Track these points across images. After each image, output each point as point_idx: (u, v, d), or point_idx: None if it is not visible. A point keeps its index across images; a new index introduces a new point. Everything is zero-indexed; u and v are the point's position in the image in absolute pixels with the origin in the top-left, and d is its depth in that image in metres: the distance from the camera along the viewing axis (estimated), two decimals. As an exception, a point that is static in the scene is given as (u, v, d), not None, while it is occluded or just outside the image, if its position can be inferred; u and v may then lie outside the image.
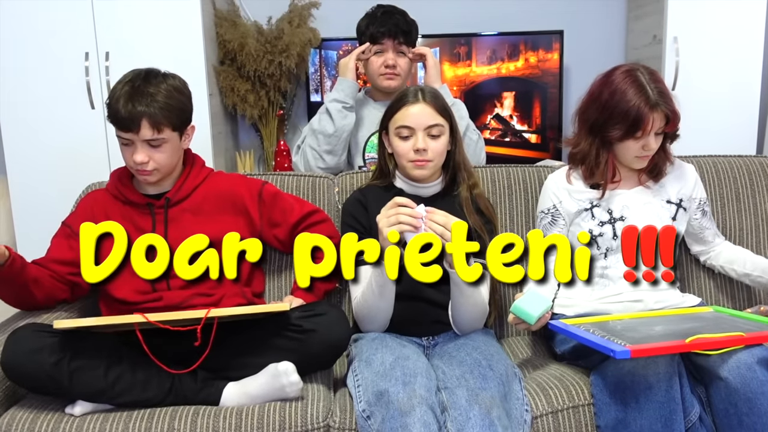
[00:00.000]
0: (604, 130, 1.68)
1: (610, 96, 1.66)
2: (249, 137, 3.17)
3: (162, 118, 1.58)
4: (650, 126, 1.63)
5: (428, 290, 1.65)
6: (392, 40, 2.17)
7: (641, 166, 1.73)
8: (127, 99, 1.56)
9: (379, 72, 2.18)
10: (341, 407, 1.47)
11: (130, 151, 1.61)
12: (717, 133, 2.78)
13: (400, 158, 1.69)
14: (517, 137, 3.02)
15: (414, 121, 1.65)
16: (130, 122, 1.56)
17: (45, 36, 2.55)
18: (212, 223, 1.68)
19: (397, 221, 1.43)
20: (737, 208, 2.02)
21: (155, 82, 1.60)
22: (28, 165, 2.61)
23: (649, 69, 1.68)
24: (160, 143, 1.61)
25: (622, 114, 1.63)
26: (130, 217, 1.68)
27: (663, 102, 1.62)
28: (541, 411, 1.47)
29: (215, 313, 1.43)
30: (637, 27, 3.05)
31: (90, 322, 1.41)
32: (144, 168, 1.61)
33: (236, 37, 2.79)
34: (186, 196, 1.70)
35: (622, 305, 1.71)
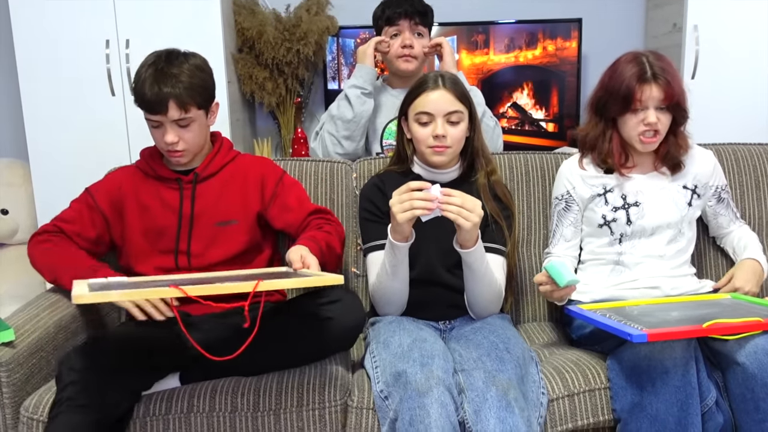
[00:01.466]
0: (605, 109, 1.71)
1: (610, 77, 1.69)
2: (266, 125, 3.18)
3: (188, 98, 1.60)
4: (641, 96, 1.62)
5: (444, 274, 1.67)
6: (408, 21, 2.17)
7: (646, 148, 1.70)
8: (152, 82, 1.58)
9: (397, 54, 2.18)
10: (359, 387, 1.50)
11: (160, 133, 1.64)
12: (737, 121, 2.75)
13: (419, 144, 1.70)
14: (534, 126, 3.02)
15: (434, 107, 1.65)
16: (157, 104, 1.58)
17: (66, 24, 2.58)
18: (236, 202, 1.72)
19: (411, 207, 1.44)
20: (757, 196, 2.00)
21: (177, 62, 1.62)
22: (49, 151, 2.65)
23: (656, 53, 1.68)
24: (188, 122, 1.63)
25: (617, 89, 1.65)
26: (158, 192, 1.71)
27: (661, 75, 1.61)
28: (558, 394, 1.48)
29: (265, 287, 1.28)
30: (656, 15, 3.02)
31: (118, 296, 1.29)
32: (175, 148, 1.64)
33: (254, 25, 2.80)
34: (214, 173, 1.73)
35: (638, 291, 1.71)
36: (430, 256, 1.66)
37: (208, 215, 1.69)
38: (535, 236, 1.96)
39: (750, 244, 1.83)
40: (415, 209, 1.44)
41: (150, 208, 1.70)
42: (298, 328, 1.53)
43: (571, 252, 1.81)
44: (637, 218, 1.71)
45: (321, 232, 1.68)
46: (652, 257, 1.73)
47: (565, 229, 1.80)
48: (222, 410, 1.46)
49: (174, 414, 1.45)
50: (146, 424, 1.45)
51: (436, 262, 1.67)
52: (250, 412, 1.46)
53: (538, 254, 1.96)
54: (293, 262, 1.48)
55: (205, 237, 1.69)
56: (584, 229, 1.80)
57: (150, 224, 1.69)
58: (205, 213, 1.69)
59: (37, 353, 1.52)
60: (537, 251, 1.96)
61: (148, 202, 1.70)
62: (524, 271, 1.94)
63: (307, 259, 1.47)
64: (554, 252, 1.82)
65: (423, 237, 1.59)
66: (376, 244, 1.69)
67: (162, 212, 1.69)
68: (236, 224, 1.70)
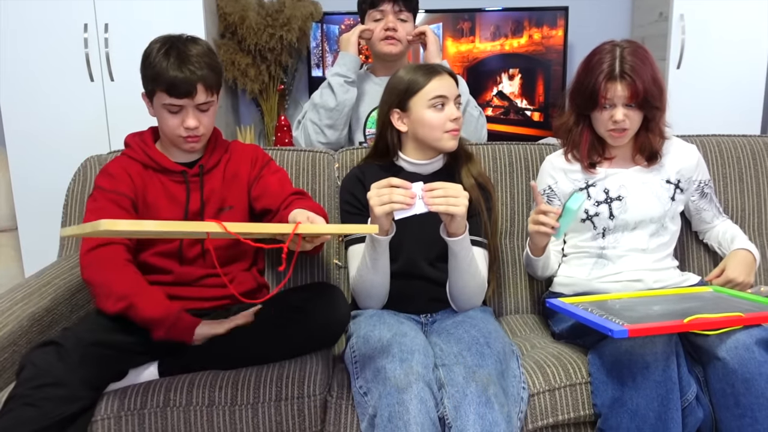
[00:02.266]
0: (576, 102, 1.71)
1: (584, 70, 1.67)
2: (249, 112, 3.14)
3: (214, 81, 1.56)
4: (607, 94, 1.61)
5: (426, 268, 1.65)
6: (392, 4, 2.14)
7: (615, 142, 1.70)
8: (179, 65, 1.51)
9: (380, 37, 2.16)
10: (339, 383, 1.48)
11: (179, 119, 1.57)
12: (721, 112, 2.76)
13: (435, 130, 1.64)
14: (519, 115, 3.00)
15: (447, 90, 1.64)
16: (188, 86, 1.52)
17: (43, 7, 2.52)
18: (233, 190, 1.69)
19: (390, 200, 1.42)
20: (740, 188, 2.00)
21: (192, 46, 1.56)
22: (27, 137, 2.60)
23: (634, 44, 1.65)
24: (208, 106, 1.59)
25: (586, 84, 1.64)
26: (163, 185, 1.64)
27: (630, 74, 1.59)
28: (539, 389, 1.47)
29: (303, 230, 1.26)
30: (642, 4, 3.00)
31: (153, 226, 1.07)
32: (195, 133, 1.58)
33: (237, 10, 2.76)
34: (216, 164, 1.69)
35: (621, 284, 1.70)
36: (412, 249, 1.65)
37: (212, 204, 1.66)
38: (517, 227, 1.95)
39: (737, 235, 1.83)
40: (393, 203, 1.42)
41: (155, 202, 1.63)
42: (280, 325, 1.51)
43: (554, 246, 1.80)
44: (620, 212, 1.70)
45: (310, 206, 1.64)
46: (635, 251, 1.72)
47: None
48: (199, 404, 1.44)
49: (150, 408, 1.43)
50: (120, 419, 1.42)
51: (418, 255, 1.66)
52: (228, 405, 1.44)
53: (521, 245, 1.95)
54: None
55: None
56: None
57: (156, 218, 1.62)
58: (210, 203, 1.65)
59: (9, 347, 1.49)
60: (520, 242, 1.95)
61: (155, 197, 1.63)
62: (507, 262, 1.93)
63: (315, 219, 1.42)
64: None
65: (405, 230, 1.57)
66: (356, 237, 1.67)
67: (168, 206, 1.63)
68: (231, 210, 1.67)
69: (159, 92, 1.54)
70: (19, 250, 2.71)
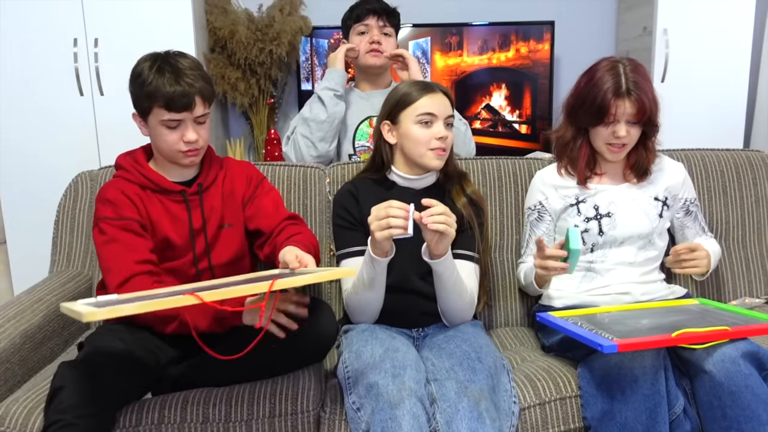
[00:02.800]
0: (577, 116, 1.73)
1: (586, 84, 1.69)
2: (239, 125, 3.15)
3: (209, 93, 1.58)
4: (615, 111, 1.64)
5: (417, 282, 1.67)
6: (376, 18, 2.21)
7: (614, 157, 1.73)
8: (175, 79, 1.51)
9: (365, 49, 2.22)
10: (332, 398, 1.49)
11: (178, 133, 1.56)
12: (705, 125, 2.80)
13: (419, 146, 1.66)
14: (507, 127, 3.03)
15: (437, 108, 1.65)
16: (186, 100, 1.52)
17: (33, 21, 2.52)
18: (230, 207, 1.69)
19: (388, 225, 1.43)
20: (724, 201, 2.04)
21: (182, 59, 1.57)
22: (16, 151, 2.59)
23: (633, 62, 1.68)
24: (205, 119, 1.59)
25: (591, 100, 1.66)
26: (164, 205, 1.63)
27: (635, 91, 1.63)
28: (529, 402, 1.49)
29: (280, 285, 1.25)
30: (627, 18, 3.05)
31: (134, 309, 1.13)
32: (195, 146, 1.58)
33: (227, 25, 2.77)
34: (213, 181, 1.69)
35: (609, 297, 1.73)
36: (404, 263, 1.66)
37: (213, 222, 1.66)
38: (507, 241, 1.97)
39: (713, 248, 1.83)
40: (392, 228, 1.43)
41: (159, 222, 1.61)
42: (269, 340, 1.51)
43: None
44: (609, 229, 1.73)
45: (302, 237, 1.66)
46: (623, 264, 1.75)
47: None
48: (193, 421, 1.44)
49: (144, 426, 1.43)
50: (116, 437, 1.43)
51: (410, 270, 1.67)
52: (222, 422, 1.44)
53: (510, 259, 1.97)
54: (289, 262, 1.43)
55: (212, 242, 1.66)
56: (557, 238, 1.81)
57: (161, 239, 1.61)
58: (211, 220, 1.66)
59: (2, 365, 1.49)
60: (510, 256, 1.97)
61: (158, 218, 1.61)
62: (497, 276, 1.95)
63: (304, 258, 1.43)
64: (528, 261, 1.83)
65: (397, 245, 1.59)
66: (349, 251, 1.68)
67: (171, 225, 1.62)
68: (231, 227, 1.68)
69: (156, 109, 1.53)
70: (8, 265, 2.70)
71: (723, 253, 2.02)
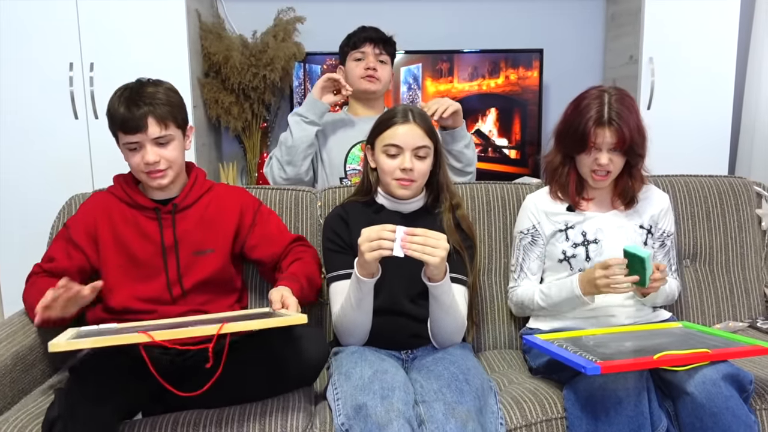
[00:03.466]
0: (564, 143, 1.77)
1: (572, 112, 1.74)
2: (232, 149, 3.19)
3: (166, 114, 1.62)
4: (595, 139, 1.68)
5: (407, 305, 1.69)
6: (372, 46, 2.27)
7: (597, 184, 1.77)
8: (129, 103, 1.59)
9: (361, 75, 2.26)
10: (321, 420, 1.50)
11: (139, 155, 1.62)
12: (690, 152, 2.85)
13: (385, 175, 1.71)
14: (497, 152, 3.08)
15: (403, 140, 1.67)
16: (137, 122, 1.58)
17: (29, 46, 2.56)
18: (213, 232, 1.72)
19: (379, 246, 1.47)
20: (707, 226, 2.08)
21: (151, 85, 1.64)
22: (11, 174, 2.61)
23: (621, 93, 1.72)
24: (167, 140, 1.64)
25: (575, 127, 1.71)
26: (135, 221, 1.68)
27: (617, 120, 1.66)
28: (516, 424, 1.51)
29: (229, 329, 1.34)
30: (614, 47, 3.12)
31: (90, 344, 1.29)
32: (156, 167, 1.63)
33: (221, 50, 2.81)
34: (192, 203, 1.72)
35: (595, 320, 1.76)
36: (393, 285, 1.69)
37: (187, 244, 1.69)
38: (496, 265, 2.00)
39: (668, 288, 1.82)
40: (382, 249, 1.47)
41: (126, 237, 1.67)
42: (259, 365, 1.53)
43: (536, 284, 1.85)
44: (596, 255, 1.76)
45: (302, 264, 1.73)
46: (608, 289, 1.77)
47: (532, 263, 1.84)
48: (183, 442, 1.45)
49: (134, 447, 1.44)
50: (105, 457, 1.43)
51: (399, 292, 1.70)
52: (212, 444, 1.45)
53: (499, 283, 2.00)
54: (273, 302, 1.52)
55: (185, 265, 1.68)
56: (546, 262, 1.85)
57: (126, 254, 1.67)
58: (184, 242, 1.69)
59: (-7, 386, 1.50)
60: (498, 279, 2.00)
61: (124, 230, 1.68)
62: (486, 299, 1.98)
63: (288, 300, 1.51)
64: (522, 285, 1.85)
65: (387, 267, 1.61)
66: (339, 274, 1.71)
67: (139, 242, 1.67)
68: (212, 253, 1.71)
69: (118, 132, 1.62)
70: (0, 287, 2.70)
71: (707, 277, 2.06)
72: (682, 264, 2.07)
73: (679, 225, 2.07)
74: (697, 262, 2.09)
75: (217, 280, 1.71)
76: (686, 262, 2.08)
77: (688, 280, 2.06)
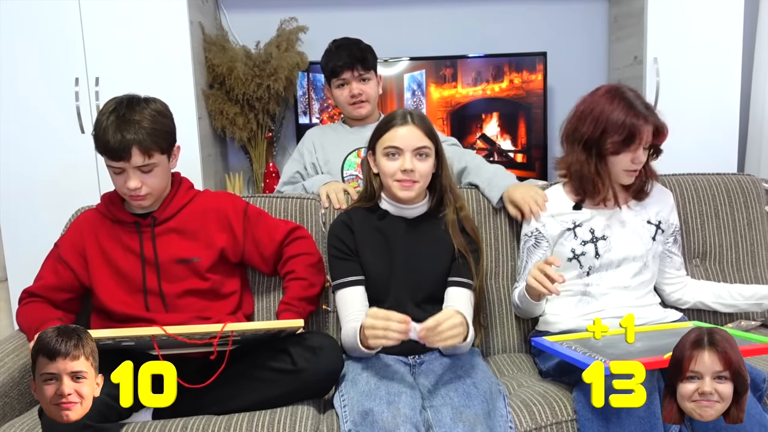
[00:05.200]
0: (600, 144, 1.72)
1: (601, 111, 1.70)
2: (238, 159, 3.19)
3: (151, 144, 1.61)
4: (644, 137, 1.68)
5: (414, 310, 1.68)
6: (350, 71, 2.23)
7: (629, 181, 1.76)
8: (115, 129, 1.58)
9: (348, 102, 2.25)
10: (328, 427, 1.49)
11: (122, 179, 1.64)
12: (697, 151, 2.83)
13: (387, 178, 1.71)
14: (503, 156, 3.07)
15: (402, 142, 1.67)
16: (120, 151, 1.59)
17: (35, 61, 2.58)
18: (198, 241, 1.73)
19: (385, 336, 1.42)
20: (716, 225, 2.06)
21: (139, 108, 1.63)
22: (17, 188, 2.63)
23: (631, 88, 1.74)
24: (151, 168, 1.64)
25: (618, 126, 1.67)
26: (118, 236, 1.71)
27: (651, 115, 1.68)
28: (525, 427, 1.49)
29: (231, 327, 1.44)
30: (618, 48, 3.11)
31: (109, 333, 1.41)
32: (138, 193, 1.64)
33: (225, 62, 2.83)
34: (172, 216, 1.73)
35: (605, 321, 1.73)
36: (400, 291, 1.68)
37: (170, 256, 1.70)
38: (502, 268, 1.99)
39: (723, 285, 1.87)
40: (388, 339, 1.42)
41: (111, 252, 1.70)
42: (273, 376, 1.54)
43: None
44: (605, 251, 1.75)
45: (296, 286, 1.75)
46: (618, 288, 1.76)
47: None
48: (191, 450, 1.44)
49: (142, 453, 1.44)
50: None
51: (406, 297, 1.69)
52: (219, 451, 1.44)
53: (506, 286, 1.98)
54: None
55: (171, 276, 1.69)
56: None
57: (113, 269, 1.70)
58: (167, 254, 1.70)
59: (1, 399, 1.50)
60: (505, 283, 1.98)
61: (109, 246, 1.70)
62: (493, 302, 1.96)
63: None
64: (519, 286, 1.84)
65: (392, 272, 1.60)
66: (345, 281, 1.70)
67: (123, 256, 1.70)
68: (198, 262, 1.71)
69: (102, 154, 1.62)
70: (9, 302, 2.72)
71: (718, 276, 2.04)
72: (691, 263, 2.05)
73: (688, 224, 2.05)
74: (707, 261, 2.06)
75: (208, 288, 1.72)
76: (696, 261, 2.06)
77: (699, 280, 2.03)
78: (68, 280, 1.71)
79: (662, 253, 1.87)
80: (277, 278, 1.90)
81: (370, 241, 1.74)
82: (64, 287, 1.72)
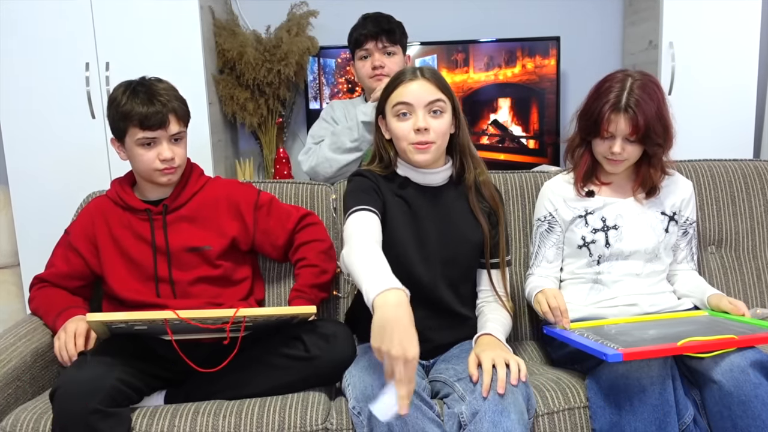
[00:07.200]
0: (580, 125, 1.73)
1: (593, 94, 1.70)
2: (248, 145, 3.19)
3: (183, 112, 1.66)
4: (608, 127, 1.64)
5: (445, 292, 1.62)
6: (374, 42, 2.19)
7: (612, 169, 1.73)
8: (146, 99, 1.59)
9: (369, 75, 2.21)
10: (337, 410, 1.49)
11: (154, 152, 1.62)
12: (713, 137, 2.79)
13: (400, 141, 1.56)
14: (515, 143, 3.04)
15: (413, 97, 1.52)
16: (160, 118, 1.60)
17: (46, 46, 2.58)
18: (209, 229, 1.72)
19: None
20: (733, 211, 2.03)
21: (157, 82, 1.66)
22: (29, 174, 2.63)
23: (646, 77, 1.65)
24: (181, 137, 1.67)
25: (591, 111, 1.67)
26: (129, 223, 1.70)
27: (633, 108, 1.60)
28: (539, 412, 1.48)
29: (244, 313, 1.46)
30: (633, 33, 3.06)
31: (122, 316, 1.43)
32: (171, 164, 1.64)
33: (235, 46, 2.81)
34: (183, 204, 1.72)
35: (617, 309, 1.72)
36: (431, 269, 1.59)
37: (181, 244, 1.69)
38: (515, 255, 1.97)
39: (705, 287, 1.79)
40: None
41: (122, 239, 1.70)
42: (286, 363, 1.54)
43: (553, 272, 1.82)
44: (616, 241, 1.73)
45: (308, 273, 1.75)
46: (630, 276, 1.74)
47: (548, 251, 1.81)
48: (203, 431, 1.44)
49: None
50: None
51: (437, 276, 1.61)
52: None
53: (519, 273, 1.97)
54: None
55: (182, 264, 1.69)
56: (564, 249, 1.81)
57: (125, 256, 1.69)
58: (178, 242, 1.69)
59: (13, 383, 1.51)
60: (518, 270, 1.97)
61: (120, 233, 1.70)
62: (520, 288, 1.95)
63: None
64: (536, 273, 1.82)
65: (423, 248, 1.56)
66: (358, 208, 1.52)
67: (135, 243, 1.69)
68: (210, 250, 1.71)
69: (132, 129, 1.61)
70: (21, 287, 2.73)
71: (734, 264, 2.01)
72: (707, 251, 2.02)
73: (704, 211, 2.02)
74: (723, 248, 2.04)
75: (220, 275, 1.71)
76: (711, 249, 2.04)
77: (714, 267, 2.01)
78: (79, 267, 1.72)
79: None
80: (288, 265, 1.90)
81: (395, 209, 1.59)
82: (75, 275, 1.72)
